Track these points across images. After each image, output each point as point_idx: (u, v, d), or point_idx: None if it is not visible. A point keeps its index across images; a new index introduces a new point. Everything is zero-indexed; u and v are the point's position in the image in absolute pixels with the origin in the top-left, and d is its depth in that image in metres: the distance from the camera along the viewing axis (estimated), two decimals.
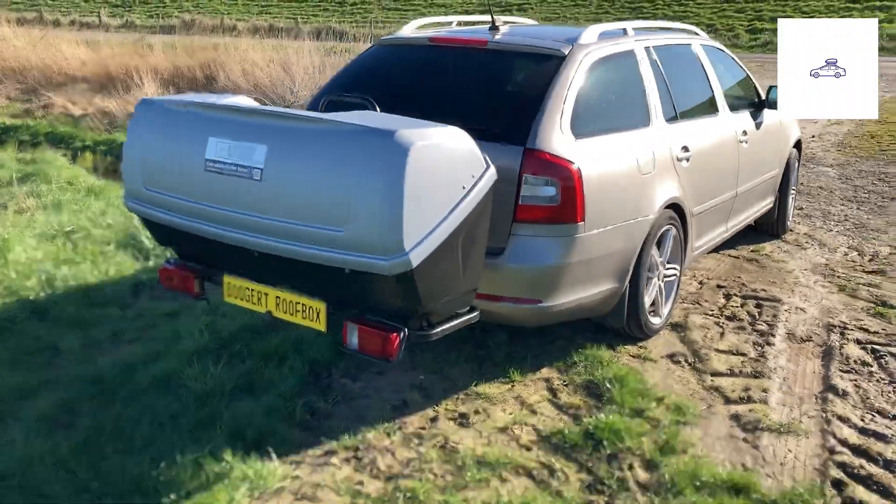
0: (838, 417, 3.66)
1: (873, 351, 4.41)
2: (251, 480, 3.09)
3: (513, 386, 3.90)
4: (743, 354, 4.31)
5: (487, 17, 4.53)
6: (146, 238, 6.11)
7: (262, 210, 3.09)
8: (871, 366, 4.22)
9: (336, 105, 3.79)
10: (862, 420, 3.66)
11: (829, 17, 28.91)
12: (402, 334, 3.06)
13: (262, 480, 3.10)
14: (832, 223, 7.07)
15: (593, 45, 4.12)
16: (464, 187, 3.01)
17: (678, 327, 4.64)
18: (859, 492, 3.08)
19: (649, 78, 4.45)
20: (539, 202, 3.64)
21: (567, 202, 3.64)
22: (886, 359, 4.30)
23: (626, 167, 4.02)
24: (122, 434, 3.42)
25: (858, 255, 6.18)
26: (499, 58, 4.17)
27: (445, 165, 2.94)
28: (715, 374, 4.08)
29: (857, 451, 3.38)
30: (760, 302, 5.10)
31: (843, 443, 3.45)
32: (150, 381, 3.86)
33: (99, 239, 6.21)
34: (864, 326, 4.74)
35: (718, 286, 5.39)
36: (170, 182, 3.38)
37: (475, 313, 3.37)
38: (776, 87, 5.90)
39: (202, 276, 3.69)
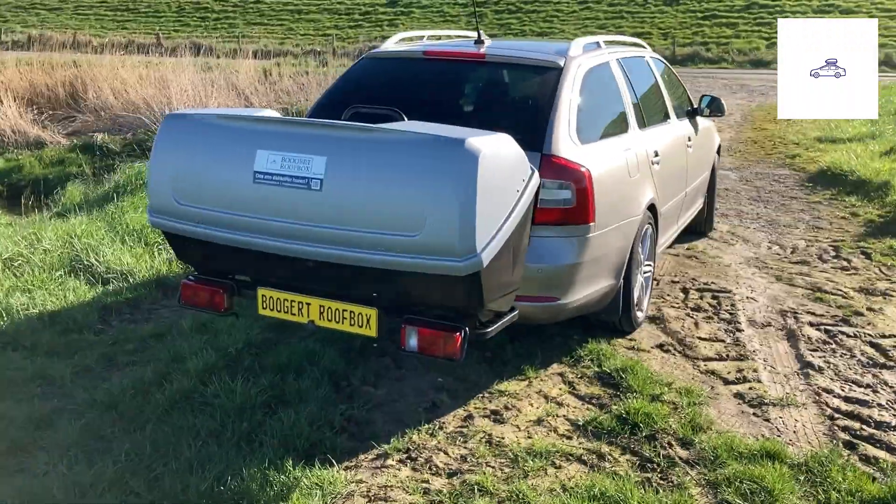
0: (823, 390, 4.08)
1: (827, 331, 4.90)
2: (321, 487, 3.13)
3: (530, 382, 4.09)
4: (721, 340, 4.69)
5: (452, 32, 4.74)
6: (97, 261, 5.89)
7: (322, 220, 3.13)
8: (831, 343, 4.70)
9: (361, 117, 3.85)
10: (842, 390, 4.08)
11: (685, 33, 30.98)
12: (463, 333, 3.19)
13: (332, 486, 3.14)
14: (748, 221, 7.70)
15: (581, 56, 4.39)
16: (517, 190, 3.18)
17: (656, 320, 4.98)
18: (870, 449, 3.47)
19: (623, 87, 4.78)
20: (555, 205, 3.86)
21: (580, 204, 3.88)
22: (840, 337, 4.79)
23: (621, 171, 4.31)
24: (166, 454, 3.35)
25: (780, 248, 6.78)
26: (500, 70, 4.38)
27: (505, 170, 3.10)
28: (706, 359, 4.43)
29: (852, 416, 3.79)
30: (716, 294, 5.54)
31: (837, 410, 3.85)
32: (170, 403, 3.78)
33: (42, 265, 5.90)
34: (811, 310, 5.24)
35: (673, 281, 5.79)
36: (209, 196, 3.35)
37: (515, 312, 3.53)
38: (707, 96, 6.43)
39: (232, 291, 3.66)
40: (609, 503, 3.01)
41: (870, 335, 4.82)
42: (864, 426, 3.68)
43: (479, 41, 4.61)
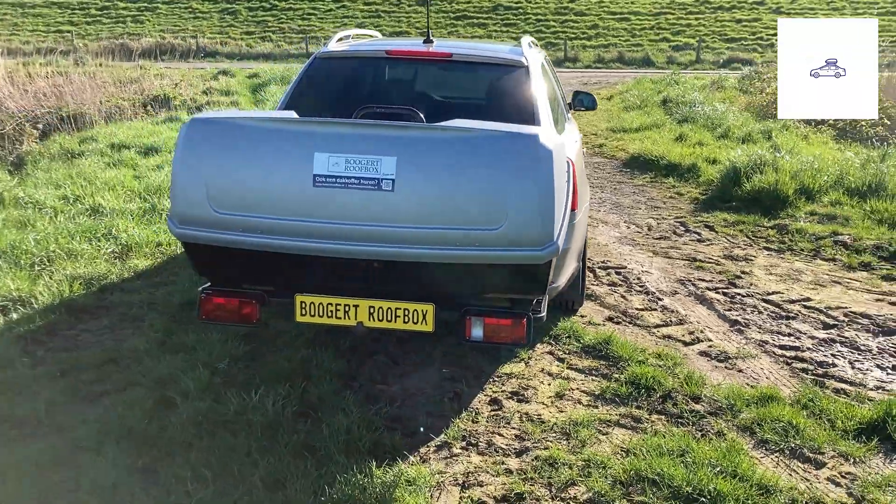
0: (761, 342, 4.74)
1: (725, 293, 5.64)
2: (414, 481, 3.16)
3: (527, 363, 4.33)
4: (654, 309, 5.25)
5: (365, 31, 4.87)
6: None
7: (394, 220, 3.15)
8: (737, 304, 5.42)
9: (377, 116, 3.84)
10: (774, 340, 4.77)
11: (441, 33, 32.33)
12: (528, 319, 3.37)
13: (422, 481, 3.18)
14: (595, 205, 8.45)
15: (532, 55, 4.69)
16: (566, 180, 3.42)
17: (590, 297, 5.43)
18: (834, 384, 4.14)
19: (553, 83, 5.15)
20: None
21: (569, 193, 4.18)
22: (738, 298, 5.55)
23: (580, 160, 4.68)
24: (231, 476, 3.18)
25: (638, 227, 7.57)
26: (469, 68, 4.54)
27: (561, 162, 3.33)
28: (656, 326, 4.94)
29: (800, 360, 4.47)
30: (618, 270, 6.12)
31: (785, 357, 4.52)
32: (195, 425, 3.55)
33: None
34: (700, 278, 5.98)
35: None
36: (259, 203, 3.22)
37: (546, 295, 3.76)
38: (577, 91, 7.01)
39: (262, 301, 3.52)
40: (679, 456, 3.36)
41: (759, 294, 5.62)
42: (816, 367, 4.36)
43: (428, 41, 4.73)
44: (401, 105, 4.30)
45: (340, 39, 4.98)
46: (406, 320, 3.43)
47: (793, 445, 3.49)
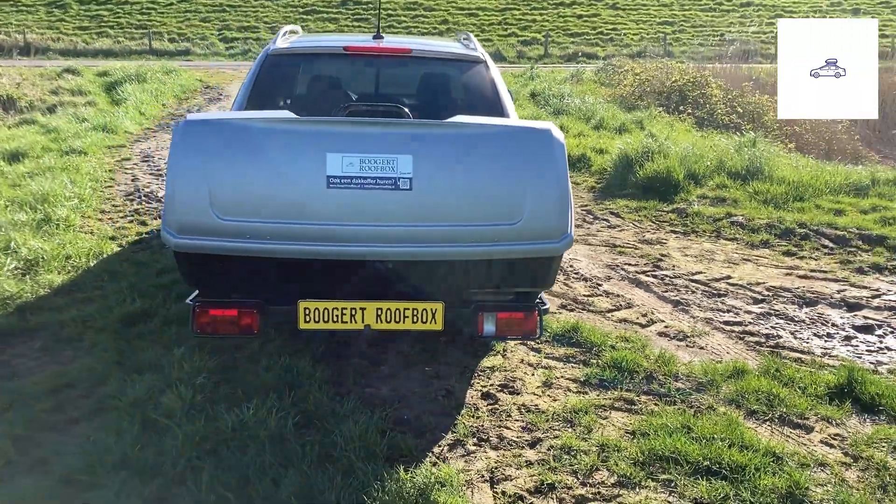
0: (705, 319, 5.03)
1: (655, 276, 5.92)
2: (446, 482, 3.13)
3: (505, 355, 4.37)
4: (600, 295, 5.43)
5: (292, 27, 4.80)
6: None
7: (413, 219, 3.10)
8: (669, 285, 5.71)
9: (363, 114, 3.73)
10: (717, 318, 5.07)
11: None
12: (539, 311, 3.42)
13: (452, 479, 3.16)
14: None
15: (483, 51, 4.73)
16: (567, 174, 3.48)
17: None
18: (789, 354, 4.45)
19: None
20: None
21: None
22: (668, 280, 5.85)
23: None
24: (254, 493, 3.02)
25: None
26: (430, 64, 4.50)
27: (566, 155, 3.39)
28: (609, 311, 5.12)
29: (748, 333, 4.78)
30: None
31: (734, 332, 4.81)
32: (195, 447, 3.33)
33: None
34: (627, 263, 6.26)
35: None
36: (269, 208, 3.07)
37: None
38: None
39: (262, 310, 3.36)
40: (686, 433, 3.51)
41: (684, 275, 5.94)
42: (766, 340, 4.68)
43: (378, 36, 4.66)
44: (366, 100, 4.22)
45: (285, 35, 4.81)
46: (415, 320, 3.39)
47: (780, 414, 3.74)
